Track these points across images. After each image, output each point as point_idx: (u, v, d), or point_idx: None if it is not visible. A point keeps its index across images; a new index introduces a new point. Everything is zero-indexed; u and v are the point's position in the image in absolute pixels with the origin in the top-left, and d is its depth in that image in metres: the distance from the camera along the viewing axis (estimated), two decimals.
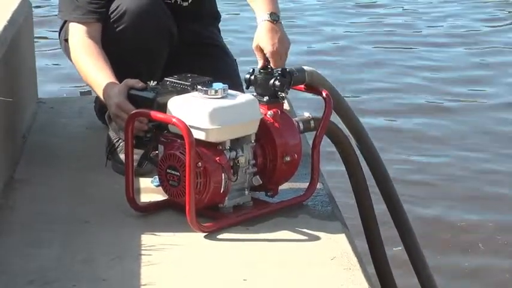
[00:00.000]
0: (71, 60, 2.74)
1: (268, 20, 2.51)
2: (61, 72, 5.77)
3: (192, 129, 2.19)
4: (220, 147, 2.28)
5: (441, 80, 6.09)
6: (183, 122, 2.19)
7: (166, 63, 2.77)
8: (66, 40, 2.76)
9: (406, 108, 5.59)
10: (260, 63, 2.49)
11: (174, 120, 2.22)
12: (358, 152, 2.76)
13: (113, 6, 2.68)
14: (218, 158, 2.25)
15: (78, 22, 2.69)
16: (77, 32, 2.68)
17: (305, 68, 2.52)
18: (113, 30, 2.67)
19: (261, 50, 2.48)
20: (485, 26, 7.54)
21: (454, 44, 7.01)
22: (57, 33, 2.90)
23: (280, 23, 2.53)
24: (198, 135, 2.22)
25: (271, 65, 2.46)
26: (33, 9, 3.48)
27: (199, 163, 2.22)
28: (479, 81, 6.10)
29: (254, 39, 2.52)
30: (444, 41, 7.09)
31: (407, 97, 5.78)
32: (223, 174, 2.26)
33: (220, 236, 2.25)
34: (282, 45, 2.49)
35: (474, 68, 6.40)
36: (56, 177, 2.67)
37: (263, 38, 2.49)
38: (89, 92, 3.44)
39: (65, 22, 2.81)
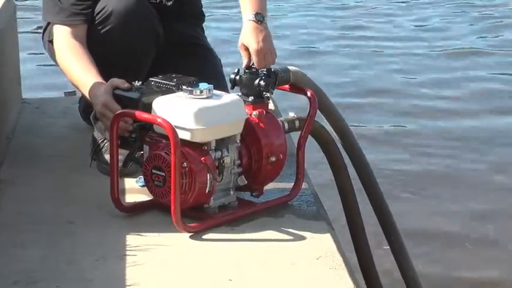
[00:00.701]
0: (55, 61, 2.74)
1: (252, 20, 2.52)
2: (46, 73, 5.76)
3: (177, 130, 2.18)
4: (206, 148, 2.28)
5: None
6: (168, 122, 2.18)
7: (151, 63, 2.77)
8: (51, 41, 2.75)
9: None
10: (245, 62, 2.49)
11: (159, 120, 2.21)
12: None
13: (99, 7, 2.68)
14: (203, 158, 2.25)
15: (62, 24, 2.68)
16: (62, 34, 2.68)
17: (290, 67, 2.52)
18: (99, 31, 2.67)
19: (246, 49, 2.49)
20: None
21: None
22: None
23: (265, 23, 2.54)
24: (183, 135, 2.22)
25: (255, 63, 2.47)
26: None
27: (185, 163, 2.21)
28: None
29: (239, 38, 2.52)
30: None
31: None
32: (208, 175, 2.26)
33: (205, 236, 2.25)
34: (266, 44, 2.49)
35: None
36: (40, 178, 2.66)
37: (248, 37, 2.49)
38: (73, 93, 3.43)
39: (49, 23, 2.80)
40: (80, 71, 2.59)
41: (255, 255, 2.16)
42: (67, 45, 2.65)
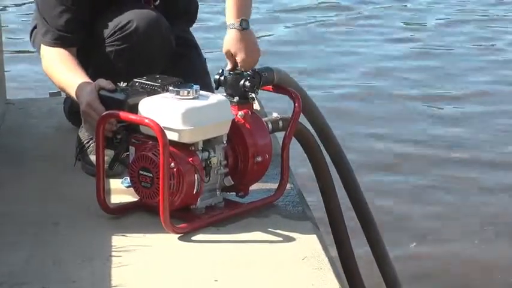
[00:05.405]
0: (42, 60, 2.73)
1: (237, 29, 2.48)
2: (30, 74, 5.74)
3: (164, 131, 2.18)
4: (193, 148, 2.28)
5: None
6: (156, 123, 2.18)
7: None
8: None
9: None
10: (230, 66, 2.48)
11: (146, 121, 2.21)
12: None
13: (121, 22, 2.64)
14: (191, 159, 2.25)
15: (48, 46, 2.69)
16: (48, 54, 2.69)
17: (273, 68, 2.53)
18: (120, 44, 2.64)
19: (232, 55, 2.48)
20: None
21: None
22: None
23: (251, 29, 2.52)
24: (171, 136, 2.22)
25: (241, 68, 2.46)
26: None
27: (172, 164, 2.21)
28: None
29: (224, 45, 2.49)
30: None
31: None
32: (196, 175, 2.26)
33: (191, 237, 2.25)
34: (253, 52, 2.48)
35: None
36: (25, 179, 2.65)
37: (234, 46, 2.47)
38: (58, 93, 3.42)
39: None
40: (66, 73, 2.60)
41: (241, 256, 2.16)
42: (55, 55, 2.66)
